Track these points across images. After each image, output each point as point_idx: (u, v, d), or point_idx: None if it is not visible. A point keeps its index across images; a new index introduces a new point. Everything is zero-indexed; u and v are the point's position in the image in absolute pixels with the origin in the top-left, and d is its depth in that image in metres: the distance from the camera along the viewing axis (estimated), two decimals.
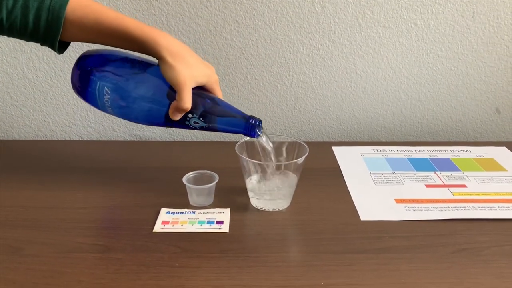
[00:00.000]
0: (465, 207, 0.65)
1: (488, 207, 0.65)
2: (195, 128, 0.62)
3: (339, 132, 0.95)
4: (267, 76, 0.90)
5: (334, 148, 0.85)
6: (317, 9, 0.85)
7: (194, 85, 0.60)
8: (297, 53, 0.88)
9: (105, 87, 0.61)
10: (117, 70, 0.62)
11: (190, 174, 0.66)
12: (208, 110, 0.60)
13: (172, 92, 0.59)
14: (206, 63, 0.64)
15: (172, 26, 0.85)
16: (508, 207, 0.65)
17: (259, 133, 0.62)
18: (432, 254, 0.55)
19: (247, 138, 0.66)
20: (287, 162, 0.65)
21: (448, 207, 0.65)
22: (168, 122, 0.62)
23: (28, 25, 0.59)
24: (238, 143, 0.65)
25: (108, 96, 0.61)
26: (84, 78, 0.62)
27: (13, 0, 0.58)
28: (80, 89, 0.63)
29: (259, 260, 0.54)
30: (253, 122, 0.61)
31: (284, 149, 0.67)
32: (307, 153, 0.62)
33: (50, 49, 0.61)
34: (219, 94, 0.64)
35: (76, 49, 0.74)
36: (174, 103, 0.59)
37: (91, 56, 0.64)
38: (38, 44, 0.61)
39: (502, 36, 0.88)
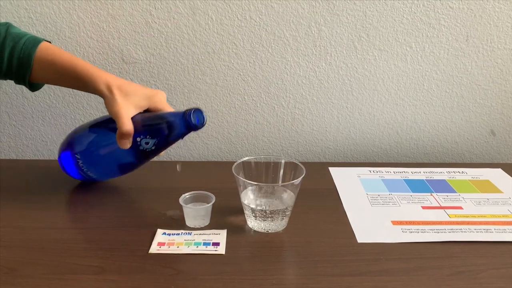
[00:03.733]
0: (461, 229, 0.65)
1: (485, 229, 0.65)
2: (152, 151, 0.64)
3: (336, 153, 0.96)
4: (264, 97, 0.91)
5: (331, 169, 0.85)
6: (313, 32, 0.86)
7: (135, 111, 0.63)
8: (294, 74, 0.89)
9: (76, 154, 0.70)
10: (81, 139, 0.70)
11: (186, 195, 0.66)
12: (151, 125, 0.63)
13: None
14: (147, 88, 0.67)
15: (171, 48, 0.86)
16: (505, 229, 0.65)
17: (201, 121, 0.62)
18: (428, 277, 0.55)
19: (245, 158, 0.67)
20: (284, 183, 0.65)
21: (445, 229, 0.65)
22: (136, 160, 0.67)
23: (3, 62, 0.66)
24: (235, 164, 0.65)
25: (81, 161, 0.69)
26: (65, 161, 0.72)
27: None
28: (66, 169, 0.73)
29: (256, 283, 0.53)
30: (188, 112, 0.61)
31: (281, 169, 0.67)
32: (304, 174, 0.62)
33: None
34: (167, 109, 0.66)
35: None
36: (117, 132, 0.62)
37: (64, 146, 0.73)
38: None
39: (496, 60, 0.89)
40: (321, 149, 0.95)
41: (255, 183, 0.62)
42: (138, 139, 0.63)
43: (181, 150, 0.94)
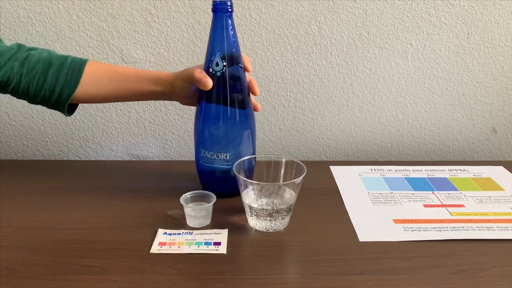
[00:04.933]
0: (463, 227, 0.65)
1: (487, 227, 0.65)
2: (229, 73, 0.66)
3: (337, 152, 0.96)
4: (265, 96, 0.91)
5: (332, 168, 0.85)
6: (314, 30, 0.86)
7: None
8: (295, 73, 0.89)
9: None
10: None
11: (187, 195, 0.66)
12: (209, 55, 0.67)
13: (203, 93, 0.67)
14: None
15: (171, 48, 0.86)
16: (507, 227, 0.65)
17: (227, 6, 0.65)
18: (431, 275, 0.55)
19: (245, 157, 0.66)
20: (285, 182, 0.65)
21: (447, 227, 0.65)
22: (235, 98, 0.68)
23: (46, 79, 0.65)
24: (236, 163, 0.65)
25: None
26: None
27: (38, 56, 0.66)
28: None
29: (257, 282, 0.53)
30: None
31: (282, 168, 0.67)
32: (305, 173, 0.62)
33: None
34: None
35: None
36: (196, 80, 0.65)
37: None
38: None
39: (497, 57, 0.89)
40: (322, 147, 0.95)
41: (256, 182, 0.62)
42: (211, 69, 0.66)
43: (182, 150, 0.94)
